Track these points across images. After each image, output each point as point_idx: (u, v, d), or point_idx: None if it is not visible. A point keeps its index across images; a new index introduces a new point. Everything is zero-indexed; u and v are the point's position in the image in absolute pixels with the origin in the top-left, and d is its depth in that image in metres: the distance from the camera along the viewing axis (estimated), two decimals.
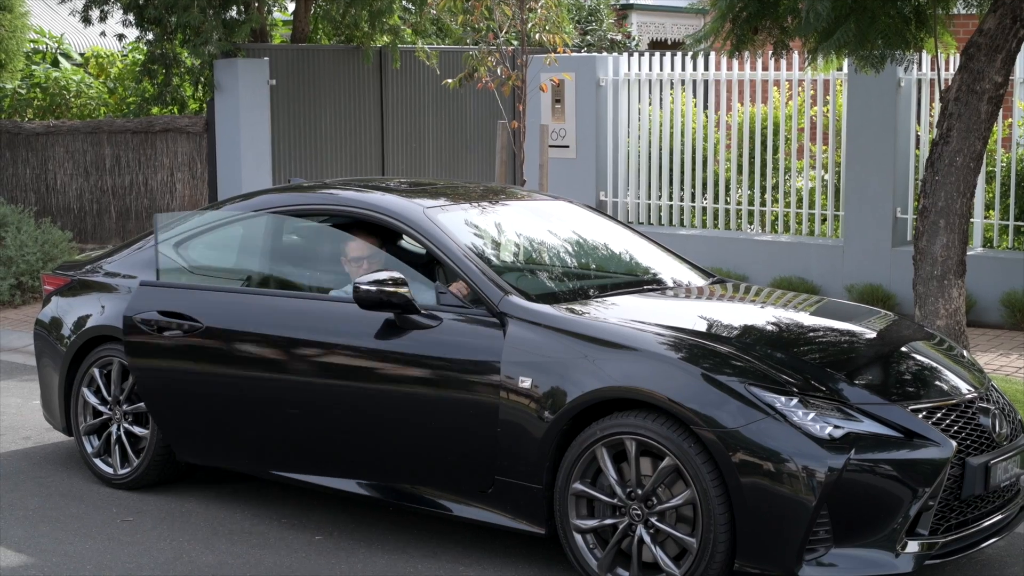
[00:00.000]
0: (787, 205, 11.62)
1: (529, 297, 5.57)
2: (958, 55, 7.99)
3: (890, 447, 4.87)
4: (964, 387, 5.35)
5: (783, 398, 4.89)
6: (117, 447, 6.62)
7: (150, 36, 13.96)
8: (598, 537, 5.16)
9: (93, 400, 6.73)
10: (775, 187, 11.71)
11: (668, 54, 12.23)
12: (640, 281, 6.36)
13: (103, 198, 14.52)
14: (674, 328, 5.38)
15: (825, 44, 7.36)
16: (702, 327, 5.66)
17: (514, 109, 10.90)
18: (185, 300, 6.30)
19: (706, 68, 11.96)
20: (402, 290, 5.52)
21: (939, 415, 5.09)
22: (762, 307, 6.34)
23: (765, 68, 11.58)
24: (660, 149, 12.17)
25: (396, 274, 5.58)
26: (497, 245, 6.14)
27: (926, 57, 10.46)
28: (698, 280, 6.44)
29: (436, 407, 5.54)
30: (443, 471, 5.57)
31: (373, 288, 5.53)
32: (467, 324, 5.54)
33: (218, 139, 13.71)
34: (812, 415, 4.85)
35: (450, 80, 9.88)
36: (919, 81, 10.81)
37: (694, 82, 12.14)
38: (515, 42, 9.75)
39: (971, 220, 8.16)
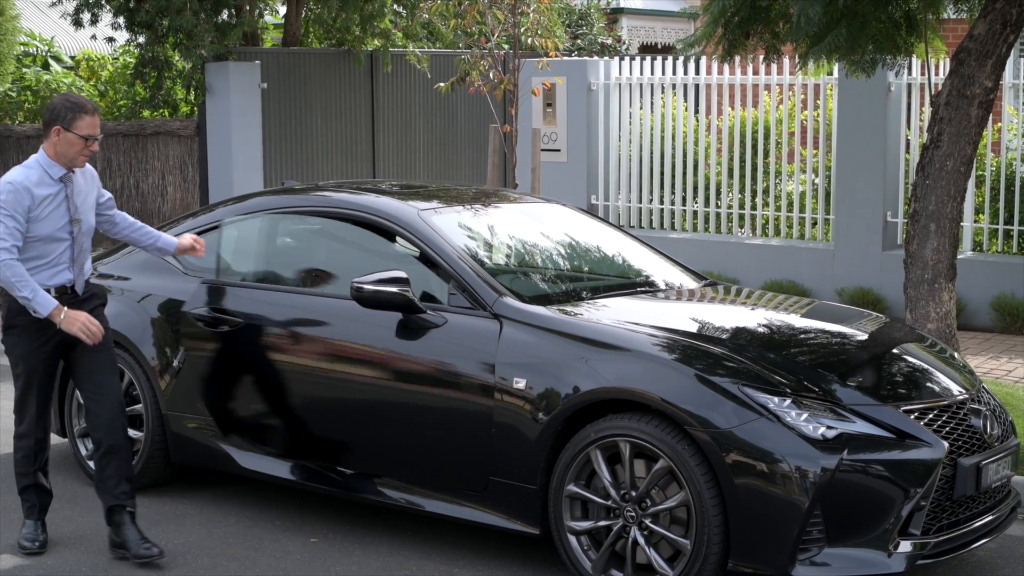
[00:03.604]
0: (778, 209, 11.66)
1: (523, 299, 5.59)
2: (948, 60, 8.03)
3: (882, 448, 4.90)
4: (955, 388, 5.39)
5: (776, 399, 4.92)
6: None
7: (141, 39, 13.96)
8: (592, 539, 5.19)
9: None
10: (766, 191, 11.75)
11: (659, 58, 12.27)
12: (633, 283, 6.38)
13: None
14: (667, 329, 5.41)
15: (816, 49, 7.39)
16: (695, 328, 5.69)
17: (505, 113, 10.93)
18: (229, 298, 6.31)
19: (697, 72, 12.00)
20: (403, 290, 5.53)
21: (931, 416, 5.12)
22: (754, 309, 6.37)
23: (756, 72, 11.62)
24: (651, 153, 12.21)
25: (399, 273, 5.59)
26: (490, 247, 6.17)
27: (916, 62, 10.51)
28: (690, 283, 6.47)
29: (433, 407, 5.57)
30: (438, 471, 5.59)
31: (373, 288, 5.55)
32: (461, 325, 5.56)
33: (209, 142, 13.71)
34: (805, 416, 4.88)
35: (442, 84, 9.91)
36: (909, 86, 10.86)
37: (685, 86, 12.18)
38: (507, 46, 9.79)
39: (961, 224, 8.19)
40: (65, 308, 5.51)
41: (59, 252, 5.61)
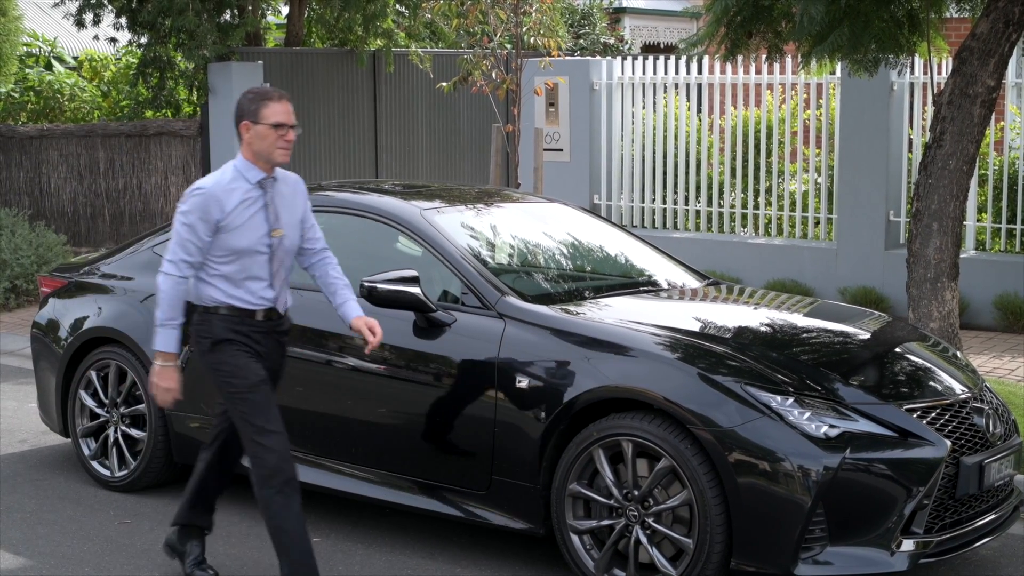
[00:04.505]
0: (780, 208, 11.66)
1: (525, 298, 5.60)
2: (951, 59, 8.03)
3: (885, 446, 4.90)
4: (958, 387, 5.39)
5: (779, 397, 4.92)
6: (114, 449, 6.63)
7: (143, 40, 13.97)
8: (595, 538, 5.19)
9: (90, 402, 6.74)
10: (768, 190, 11.75)
11: (661, 58, 12.27)
12: (635, 283, 6.39)
13: (97, 201, 14.52)
14: (670, 328, 5.41)
15: (819, 48, 7.38)
16: (698, 328, 5.69)
17: (508, 113, 10.93)
18: None
19: (699, 72, 12.00)
20: (412, 289, 5.53)
21: (933, 415, 5.12)
22: (757, 308, 6.38)
23: (758, 72, 11.62)
24: (653, 152, 12.21)
25: (408, 272, 5.58)
26: (493, 247, 6.17)
27: (919, 61, 10.50)
28: (693, 282, 6.47)
29: (438, 406, 5.58)
30: (441, 470, 5.60)
31: (384, 286, 5.54)
32: (466, 325, 5.57)
33: (212, 142, 13.72)
34: (808, 414, 4.89)
35: (444, 84, 9.92)
36: (912, 85, 10.86)
37: (687, 86, 12.18)
38: (509, 46, 9.78)
39: (964, 223, 8.19)
40: (174, 364, 4.97)
41: (258, 268, 5.01)
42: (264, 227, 5.01)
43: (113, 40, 14.59)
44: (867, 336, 5.86)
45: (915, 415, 5.06)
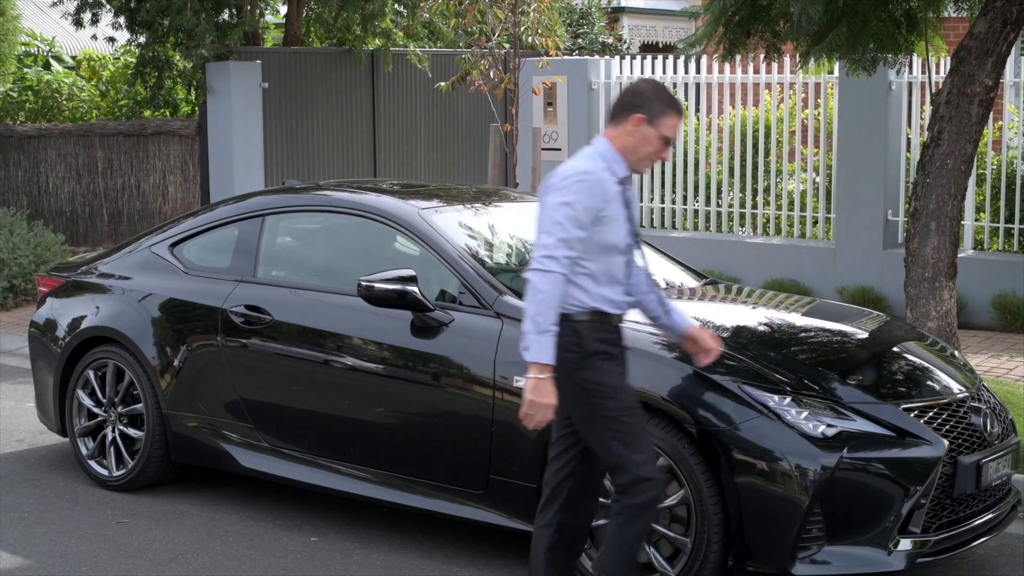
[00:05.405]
0: (779, 208, 11.66)
1: (523, 297, 5.59)
2: (949, 58, 8.03)
3: (882, 446, 4.90)
4: (956, 387, 5.40)
5: (776, 397, 4.92)
6: (112, 449, 6.63)
7: (142, 39, 13.97)
8: (592, 537, 5.18)
9: (88, 402, 6.74)
10: (767, 190, 11.75)
11: (660, 57, 12.27)
12: None
13: (95, 201, 14.52)
14: None
15: (817, 48, 7.39)
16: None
17: (506, 112, 10.94)
18: (262, 295, 6.23)
19: (698, 71, 12.00)
20: (409, 288, 5.53)
21: (931, 414, 5.13)
22: (755, 308, 6.38)
23: (756, 71, 11.62)
24: None
25: (406, 272, 5.58)
26: (491, 246, 6.17)
27: (917, 60, 10.51)
28: (691, 281, 6.47)
29: (436, 406, 5.58)
30: (439, 470, 5.60)
31: (382, 286, 5.55)
32: (464, 324, 5.57)
33: (210, 142, 13.72)
34: (805, 414, 4.89)
35: (443, 83, 9.92)
36: (910, 84, 10.86)
37: (686, 85, 12.18)
38: (507, 45, 9.78)
39: (962, 222, 8.19)
40: (550, 375, 4.34)
41: (617, 268, 4.53)
42: (626, 224, 4.54)
43: (111, 39, 14.58)
44: (865, 336, 5.86)
45: (913, 415, 5.06)
